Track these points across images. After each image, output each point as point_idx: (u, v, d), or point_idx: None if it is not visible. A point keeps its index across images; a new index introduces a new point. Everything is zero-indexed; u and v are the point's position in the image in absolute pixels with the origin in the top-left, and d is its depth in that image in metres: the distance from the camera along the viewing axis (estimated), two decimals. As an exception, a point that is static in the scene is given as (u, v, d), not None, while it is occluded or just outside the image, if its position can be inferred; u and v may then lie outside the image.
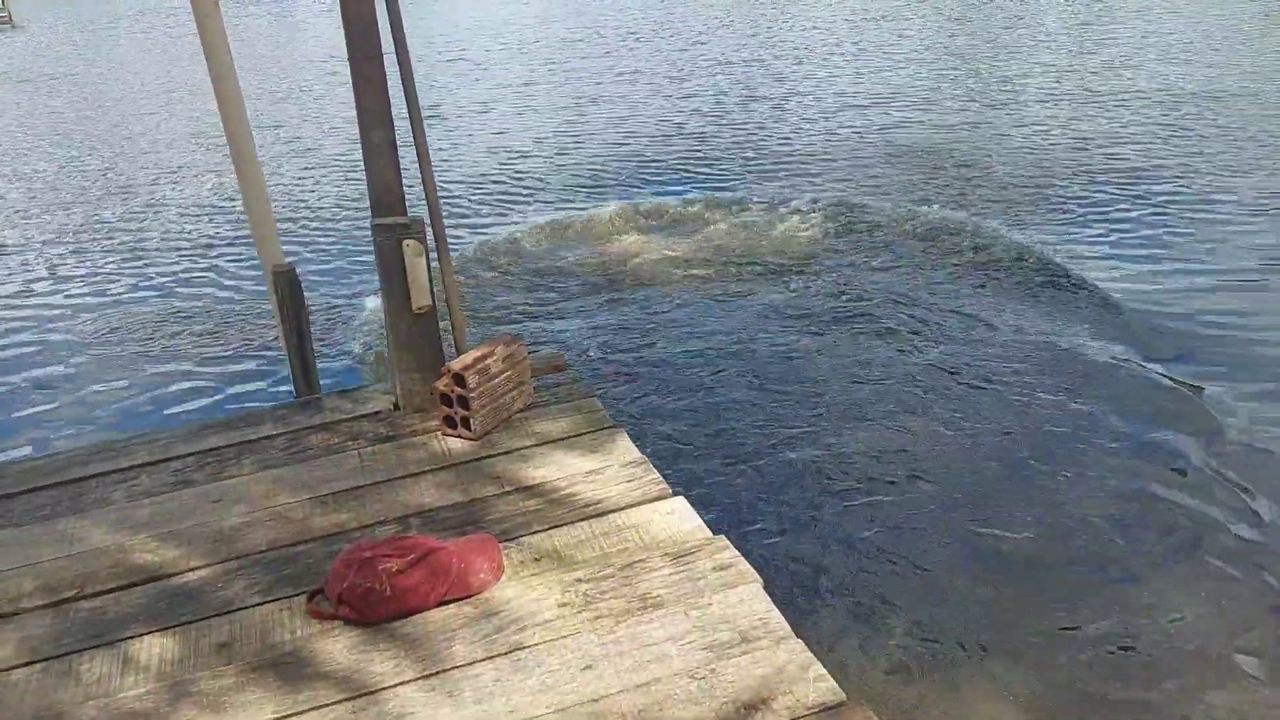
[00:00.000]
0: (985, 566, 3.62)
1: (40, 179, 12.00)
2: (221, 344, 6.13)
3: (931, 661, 3.17)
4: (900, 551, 3.71)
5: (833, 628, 3.33)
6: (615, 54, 18.39)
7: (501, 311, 6.32)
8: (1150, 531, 3.76)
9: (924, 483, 4.13)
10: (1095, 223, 7.21)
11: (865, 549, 3.74)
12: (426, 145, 3.42)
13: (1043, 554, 3.69)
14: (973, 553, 3.70)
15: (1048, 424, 4.53)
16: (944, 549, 3.72)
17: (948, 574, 3.59)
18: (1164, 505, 3.91)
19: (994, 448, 4.37)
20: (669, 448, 4.46)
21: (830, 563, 3.67)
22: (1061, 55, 14.24)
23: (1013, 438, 4.44)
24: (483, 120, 13.12)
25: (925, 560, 3.65)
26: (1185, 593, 3.44)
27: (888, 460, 4.33)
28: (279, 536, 2.79)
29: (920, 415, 4.68)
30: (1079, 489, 4.06)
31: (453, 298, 3.60)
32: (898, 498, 4.05)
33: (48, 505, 3.07)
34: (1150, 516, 3.85)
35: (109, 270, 7.90)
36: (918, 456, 4.34)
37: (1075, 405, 4.67)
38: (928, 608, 3.41)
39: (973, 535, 3.79)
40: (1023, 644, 3.23)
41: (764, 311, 6.02)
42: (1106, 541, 3.73)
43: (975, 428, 4.53)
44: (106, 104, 18.47)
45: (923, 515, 3.92)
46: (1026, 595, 3.46)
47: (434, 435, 3.31)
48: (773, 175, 9.10)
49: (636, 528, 2.70)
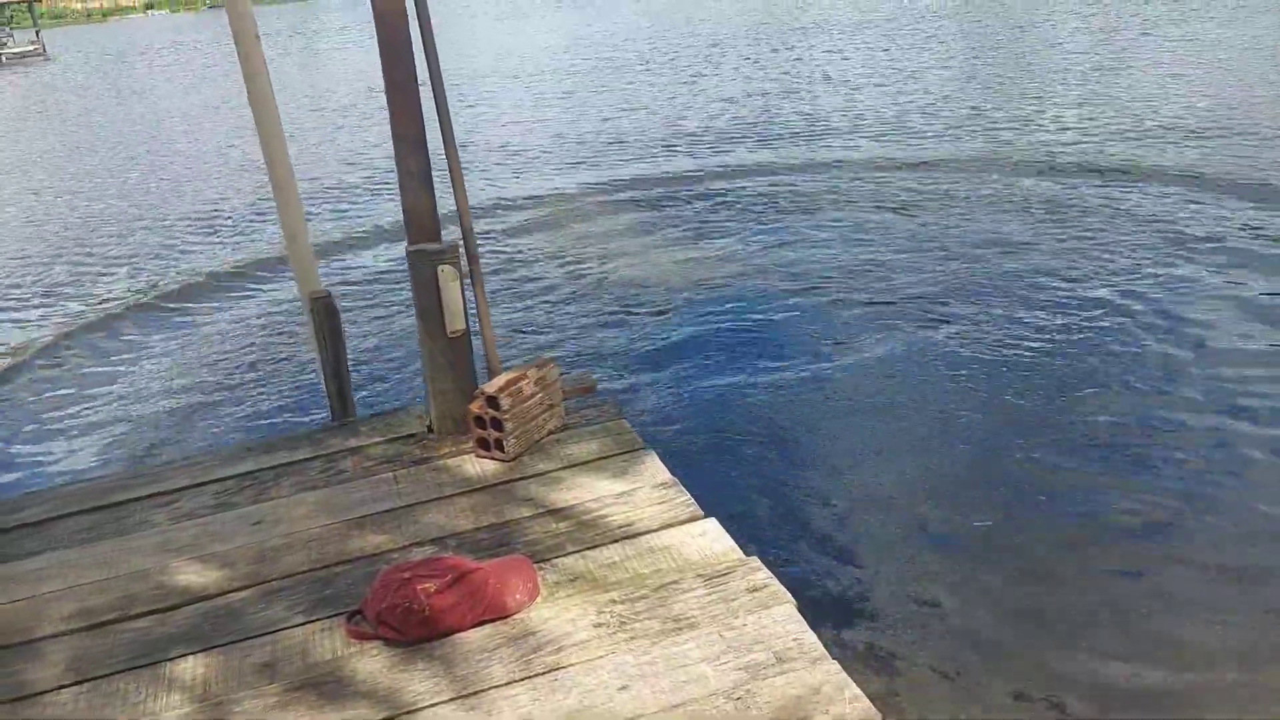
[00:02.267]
0: (1028, 596, 3.60)
1: (76, 204, 12.26)
2: (260, 368, 6.22)
3: (968, 688, 3.16)
4: (942, 574, 3.69)
5: (868, 648, 3.32)
6: (640, 80, 18.52)
7: (531, 331, 6.38)
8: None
9: (961, 505, 4.11)
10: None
11: (903, 571, 3.72)
12: (461, 172, 3.47)
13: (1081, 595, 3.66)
14: (1017, 579, 3.67)
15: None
16: (985, 575, 3.69)
17: (990, 599, 3.56)
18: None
19: (1015, 467, 4.34)
20: (700, 467, 4.46)
21: (866, 584, 3.66)
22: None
23: (1038, 459, 4.41)
24: (509, 143, 13.26)
25: (966, 587, 3.63)
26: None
27: (925, 479, 4.31)
28: (318, 558, 2.83)
29: (959, 428, 4.67)
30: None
31: (486, 321, 3.65)
32: (936, 520, 4.03)
33: (92, 528, 3.13)
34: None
35: (148, 296, 8.05)
36: (955, 475, 4.33)
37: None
38: (967, 634, 3.39)
39: (1014, 567, 3.76)
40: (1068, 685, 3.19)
41: (797, 330, 6.03)
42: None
43: (1008, 444, 4.51)
44: (138, 132, 18.85)
45: (961, 541, 3.89)
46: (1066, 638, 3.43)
47: (468, 457, 3.35)
48: (805, 200, 9.11)
49: (669, 549, 2.72)
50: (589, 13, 40.38)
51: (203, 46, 44.33)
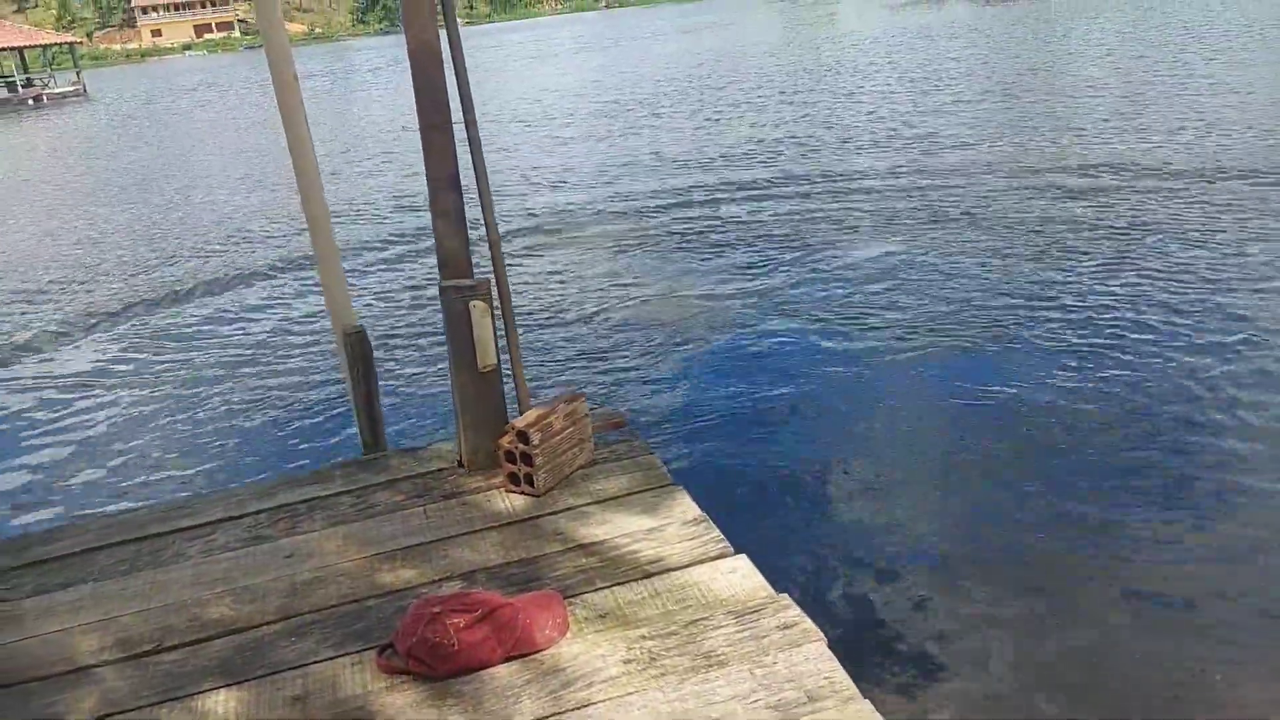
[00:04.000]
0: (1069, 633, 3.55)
1: (113, 240, 12.51)
2: (293, 402, 6.29)
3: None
4: (975, 614, 3.65)
5: (901, 688, 3.29)
6: (664, 115, 18.69)
7: (559, 365, 6.41)
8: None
9: (996, 545, 4.07)
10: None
11: (937, 610, 3.69)
12: (493, 211, 3.52)
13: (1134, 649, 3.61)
14: (1056, 625, 3.63)
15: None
16: (1022, 617, 3.64)
17: (1027, 643, 3.52)
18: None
19: (1057, 508, 4.30)
20: (729, 503, 4.45)
21: (899, 622, 3.63)
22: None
23: (1084, 501, 4.36)
24: (536, 178, 13.40)
25: (1000, 628, 3.58)
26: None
27: (959, 517, 4.28)
28: (349, 592, 2.85)
29: (996, 465, 4.63)
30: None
31: (516, 357, 3.68)
32: (970, 559, 3.99)
33: (128, 560, 3.17)
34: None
35: (184, 329, 8.18)
36: (991, 513, 4.29)
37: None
38: (1001, 677, 3.35)
39: (1053, 613, 3.72)
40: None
41: (828, 362, 6.03)
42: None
43: (1049, 483, 4.47)
44: (174, 168, 19.24)
45: (996, 582, 3.84)
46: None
47: (498, 492, 3.37)
48: (831, 229, 9.12)
49: (699, 586, 2.71)
50: (615, 53, 40.88)
51: (236, 87, 45.26)
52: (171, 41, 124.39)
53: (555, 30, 76.67)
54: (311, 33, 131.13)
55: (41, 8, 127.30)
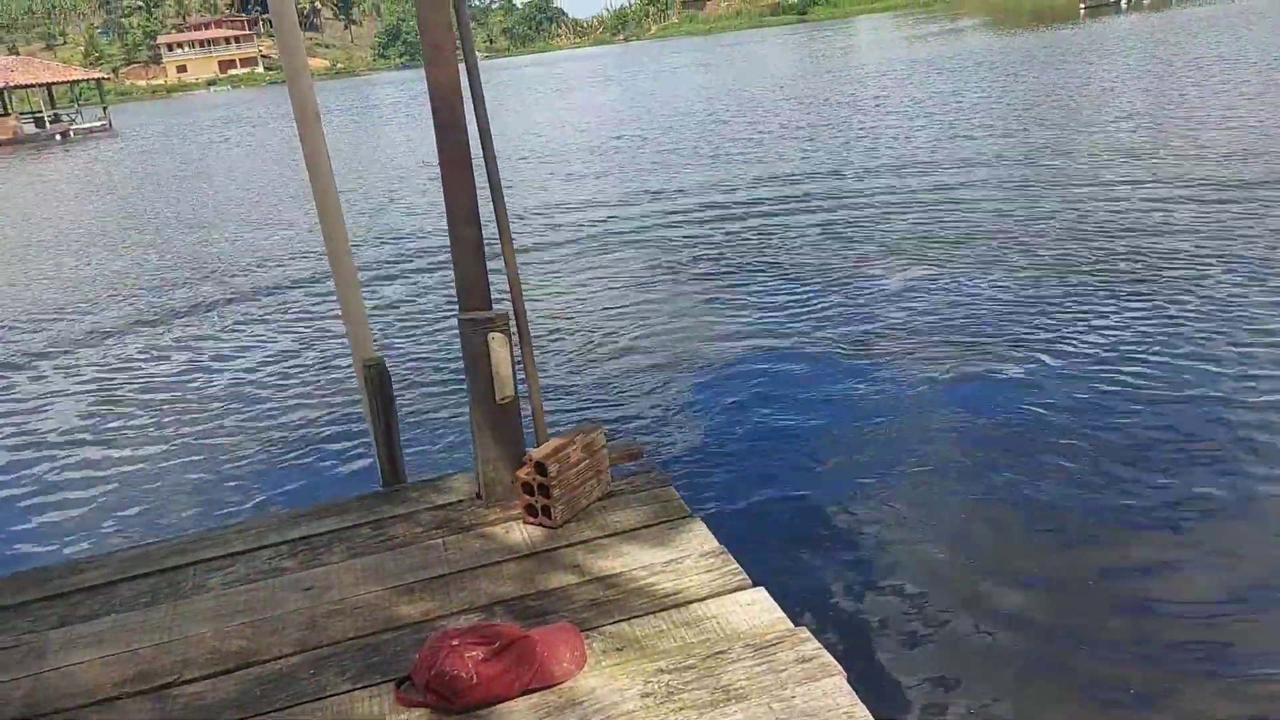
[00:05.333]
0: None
1: (136, 273, 12.66)
2: (312, 433, 6.33)
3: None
4: (997, 650, 3.62)
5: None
6: (683, 146, 18.80)
7: (576, 395, 6.43)
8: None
9: (1020, 578, 4.04)
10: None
11: (958, 645, 3.66)
12: (511, 243, 3.55)
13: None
14: (1080, 662, 3.59)
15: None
16: (1046, 654, 3.61)
17: (1049, 680, 3.48)
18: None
19: (1084, 539, 4.27)
20: (746, 534, 4.43)
21: (918, 656, 3.60)
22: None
23: (1112, 532, 4.32)
24: (553, 207, 13.50)
25: (1023, 664, 3.55)
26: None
27: (982, 549, 4.25)
28: (367, 624, 2.86)
29: (1021, 496, 4.60)
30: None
31: (535, 389, 3.69)
32: (993, 592, 3.96)
33: (149, 592, 3.19)
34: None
35: (204, 361, 8.25)
36: (1015, 546, 4.26)
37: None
38: (1023, 713, 3.32)
39: (1078, 649, 3.68)
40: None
41: (847, 391, 6.02)
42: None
43: (1076, 513, 4.44)
44: (197, 202, 19.50)
45: (1019, 617, 3.81)
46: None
47: (515, 524, 3.38)
48: (848, 255, 9.13)
49: (717, 618, 2.70)
50: (633, 86, 41.21)
51: (259, 122, 45.88)
52: (196, 77, 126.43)
53: (574, 64, 77.43)
54: (334, 68, 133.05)
55: (70, 45, 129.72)
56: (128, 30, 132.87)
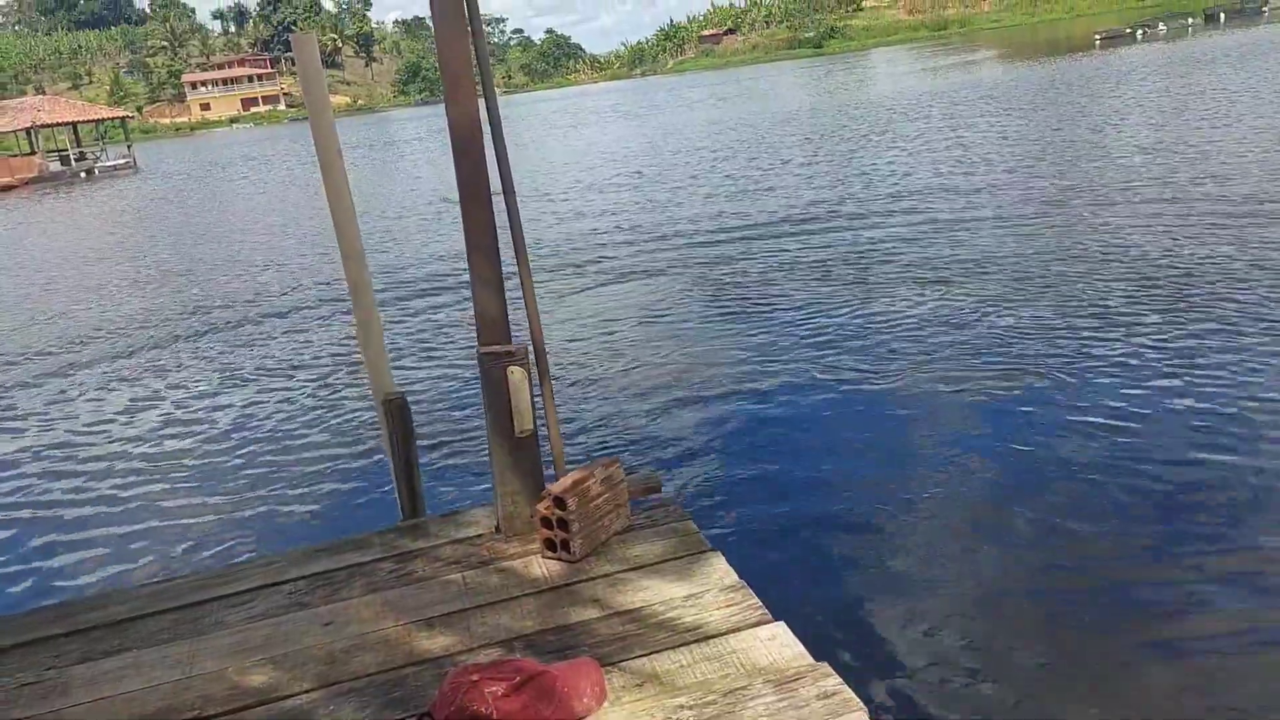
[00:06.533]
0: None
1: (158, 307, 12.79)
2: (332, 468, 6.35)
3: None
4: (1020, 689, 3.57)
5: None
6: (697, 176, 18.90)
7: (593, 428, 6.43)
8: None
9: (1043, 616, 3.99)
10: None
11: (980, 683, 3.61)
12: (530, 277, 3.58)
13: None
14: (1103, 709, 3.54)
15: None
16: (1070, 696, 3.56)
17: (1075, 711, 3.43)
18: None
19: (1108, 581, 4.21)
20: (766, 568, 4.40)
21: (940, 694, 3.56)
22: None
23: (1140, 577, 4.27)
24: (570, 241, 13.58)
25: (1046, 704, 3.50)
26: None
27: (1004, 584, 4.20)
28: (387, 659, 2.85)
29: (1045, 531, 4.56)
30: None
31: (553, 422, 3.70)
32: (1015, 630, 3.91)
33: (169, 628, 3.20)
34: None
35: (225, 396, 8.31)
36: (1038, 582, 4.21)
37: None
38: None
39: (1102, 699, 3.64)
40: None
41: (867, 422, 5.99)
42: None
43: (1104, 554, 4.39)
44: (219, 238, 19.70)
45: (1044, 657, 3.76)
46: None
47: (534, 558, 3.37)
48: (870, 285, 9.13)
49: (737, 654, 2.68)
50: (651, 120, 41.54)
51: (279, 158, 46.45)
52: (219, 115, 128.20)
53: (591, 99, 78.08)
54: (354, 104, 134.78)
55: (96, 84, 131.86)
56: (152, 69, 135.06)
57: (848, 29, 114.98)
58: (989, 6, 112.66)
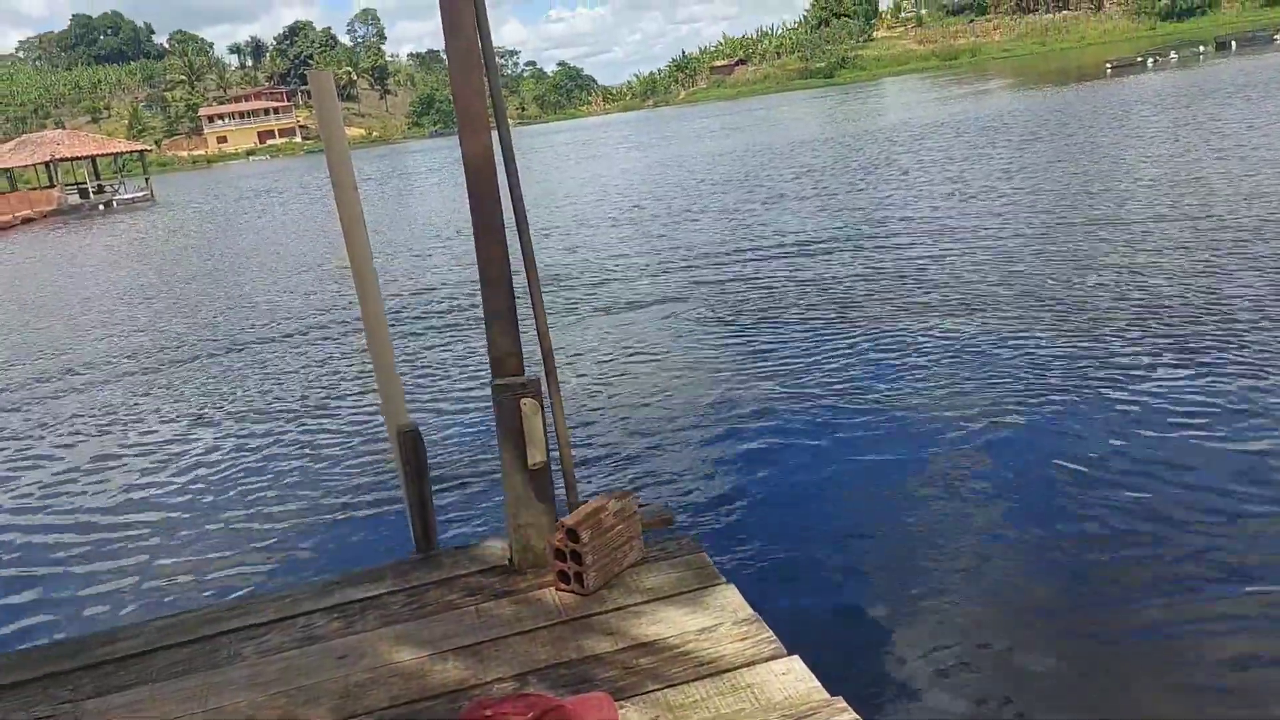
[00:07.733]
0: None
1: (172, 339, 12.87)
2: (346, 501, 6.36)
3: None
4: (1039, 715, 3.54)
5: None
6: (709, 207, 18.97)
7: (608, 461, 6.42)
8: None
9: (1059, 648, 3.96)
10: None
11: (996, 712, 3.58)
12: (544, 311, 3.59)
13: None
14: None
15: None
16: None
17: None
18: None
19: (1129, 609, 4.18)
20: (780, 601, 4.39)
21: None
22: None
23: (1157, 604, 4.23)
24: (581, 272, 13.63)
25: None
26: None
27: (1020, 616, 4.17)
28: (401, 693, 2.85)
29: (1062, 561, 4.52)
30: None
31: (566, 454, 3.70)
32: (1031, 662, 3.88)
33: (183, 662, 3.20)
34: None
35: (238, 428, 8.34)
36: (1055, 613, 4.17)
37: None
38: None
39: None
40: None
41: (878, 453, 5.97)
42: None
43: (1120, 582, 4.35)
44: (234, 270, 19.84)
45: (1060, 689, 3.73)
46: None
47: (548, 590, 3.36)
48: (882, 313, 9.12)
49: (752, 688, 2.67)
50: (663, 151, 41.78)
51: (296, 191, 46.86)
52: (236, 147, 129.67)
53: (603, 130, 78.63)
54: (369, 136, 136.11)
55: (114, 118, 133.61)
56: (170, 103, 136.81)
57: (859, 59, 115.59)
58: (1000, 36, 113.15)
